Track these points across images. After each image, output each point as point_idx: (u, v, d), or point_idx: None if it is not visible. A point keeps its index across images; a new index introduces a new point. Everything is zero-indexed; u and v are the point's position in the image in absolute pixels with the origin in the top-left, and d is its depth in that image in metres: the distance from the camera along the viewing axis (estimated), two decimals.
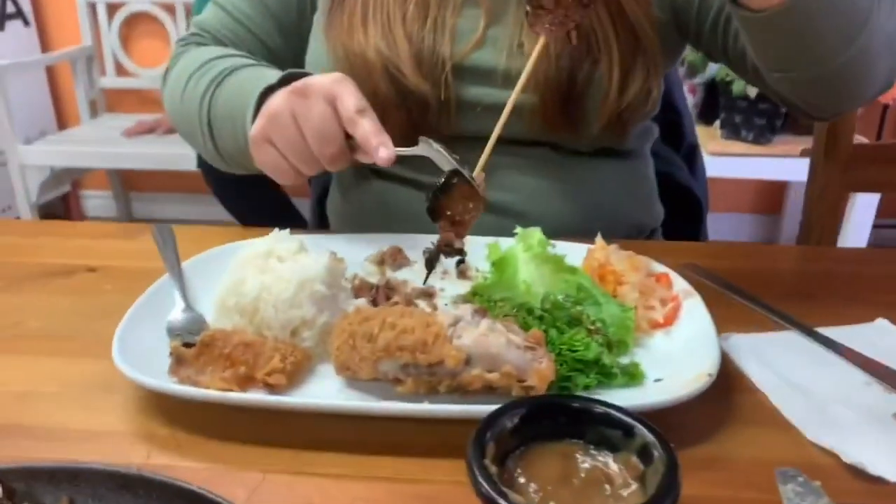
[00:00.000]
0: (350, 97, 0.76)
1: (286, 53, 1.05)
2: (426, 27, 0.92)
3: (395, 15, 0.92)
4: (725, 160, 2.62)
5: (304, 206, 2.22)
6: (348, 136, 0.78)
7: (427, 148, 0.77)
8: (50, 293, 0.83)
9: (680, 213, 1.26)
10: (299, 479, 0.54)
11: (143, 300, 0.71)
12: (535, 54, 0.72)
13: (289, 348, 0.62)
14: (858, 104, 0.94)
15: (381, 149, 0.75)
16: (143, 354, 0.63)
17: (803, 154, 2.65)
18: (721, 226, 3.15)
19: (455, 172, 0.72)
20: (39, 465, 0.48)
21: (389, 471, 0.55)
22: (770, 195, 3.42)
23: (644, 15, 0.93)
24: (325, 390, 0.62)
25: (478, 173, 0.75)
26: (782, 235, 3.40)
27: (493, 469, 0.46)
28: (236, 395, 0.58)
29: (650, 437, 0.48)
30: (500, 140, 0.97)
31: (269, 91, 0.83)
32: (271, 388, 0.60)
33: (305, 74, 0.88)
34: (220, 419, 0.59)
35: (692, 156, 1.39)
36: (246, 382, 0.61)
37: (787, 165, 2.68)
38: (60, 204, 3.58)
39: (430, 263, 0.76)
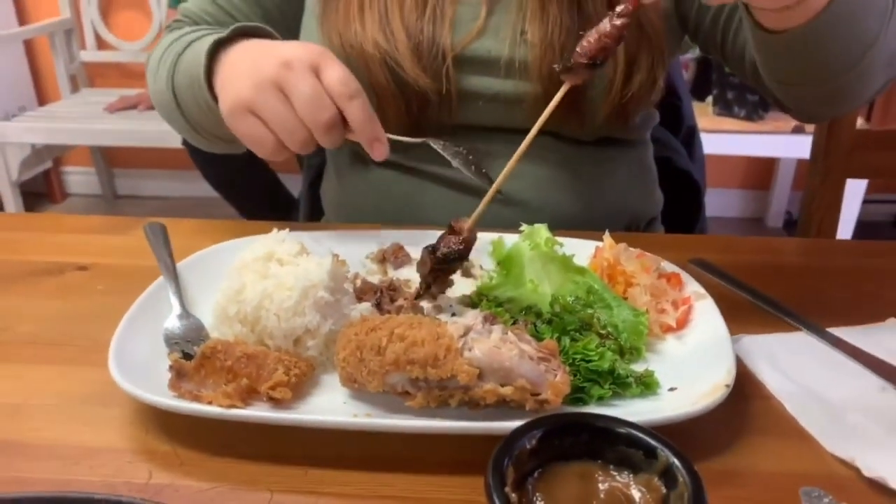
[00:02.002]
0: (336, 69, 0.74)
1: None
2: (425, 17, 0.89)
3: (393, 5, 0.89)
4: (717, 137, 2.60)
5: (292, 181, 2.18)
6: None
7: (433, 141, 0.77)
8: (39, 294, 0.80)
9: (678, 198, 1.24)
10: (308, 498, 0.52)
11: (138, 305, 0.68)
12: (558, 96, 0.73)
13: (292, 360, 0.60)
14: (849, 112, 0.94)
15: (376, 144, 0.75)
16: (141, 366, 0.61)
17: (795, 131, 2.64)
18: (711, 202, 3.15)
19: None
20: (37, 495, 0.46)
21: (402, 489, 0.53)
22: (759, 171, 3.42)
23: (650, 5, 0.91)
24: (331, 402, 0.60)
25: (471, 224, 0.73)
26: (770, 210, 3.40)
27: (514, 497, 0.44)
28: (239, 412, 0.56)
29: (674, 459, 0.46)
30: (503, 129, 0.95)
31: (220, 45, 0.80)
32: (276, 402, 0.58)
33: (261, 29, 0.85)
34: (224, 434, 0.57)
35: (691, 139, 1.37)
36: (249, 395, 0.58)
37: (779, 142, 2.68)
38: (42, 181, 3.51)
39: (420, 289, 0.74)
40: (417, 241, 0.83)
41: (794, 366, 0.67)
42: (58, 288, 0.81)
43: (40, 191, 3.52)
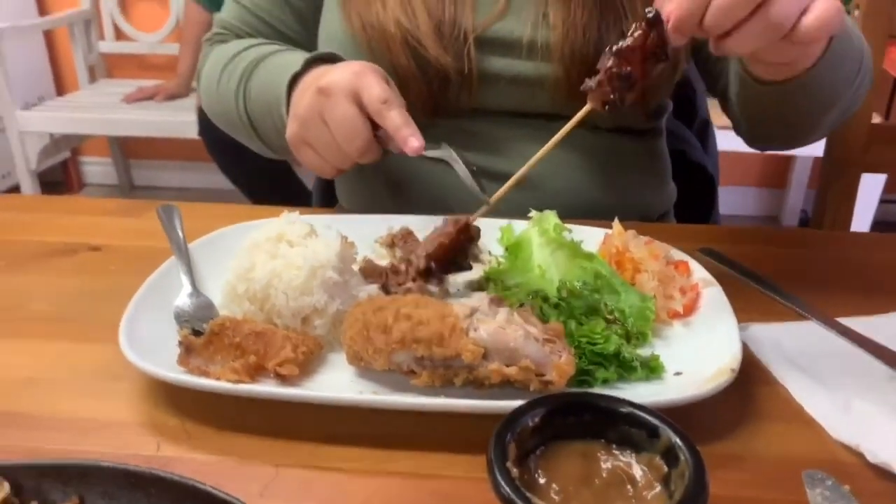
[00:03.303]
0: (373, 89, 0.77)
1: (307, 39, 1.05)
2: None
3: None
4: (733, 133, 2.58)
5: (306, 170, 2.19)
6: (376, 127, 0.78)
7: (448, 154, 0.79)
8: (53, 273, 0.81)
9: (692, 191, 1.24)
10: (313, 473, 0.53)
11: (149, 284, 0.69)
12: (579, 115, 0.73)
13: (300, 337, 0.61)
14: (798, 147, 1.00)
15: (412, 139, 0.76)
16: (151, 341, 0.61)
17: None
18: (726, 199, 3.13)
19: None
20: (48, 462, 0.46)
21: (406, 466, 0.54)
22: (775, 169, 3.39)
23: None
24: (338, 380, 0.61)
25: (494, 200, 0.75)
26: (787, 209, 3.38)
27: (515, 472, 0.45)
28: (247, 387, 0.57)
29: (676, 438, 0.46)
30: (520, 113, 0.95)
31: (296, 80, 0.85)
32: (283, 379, 0.59)
33: (328, 55, 0.89)
34: (232, 410, 0.58)
35: (704, 132, 1.36)
36: (257, 372, 0.59)
37: None
38: (60, 171, 3.55)
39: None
40: (427, 227, 0.84)
41: (802, 354, 0.66)
42: (71, 267, 0.82)
43: (58, 180, 3.56)
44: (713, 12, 0.58)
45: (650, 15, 0.63)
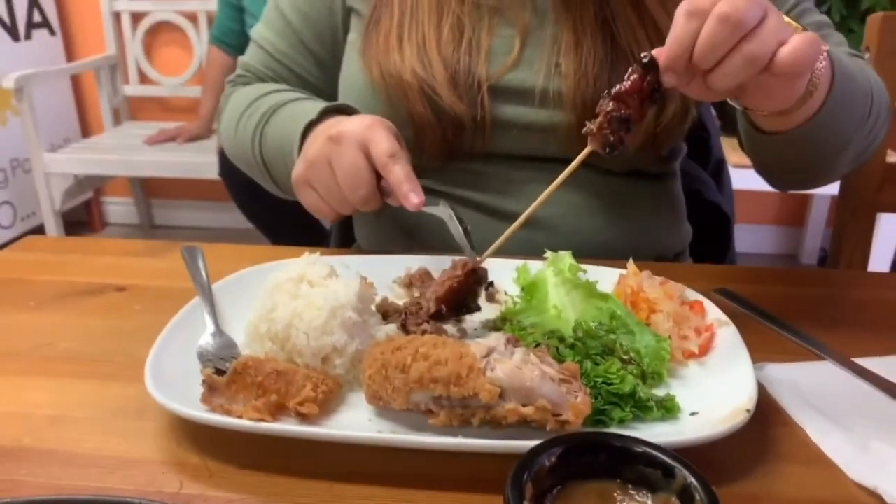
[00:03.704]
0: (382, 142, 0.80)
1: (325, 84, 1.09)
2: (461, 48, 0.93)
3: (431, 37, 0.92)
4: (749, 172, 2.57)
5: None
6: (380, 178, 0.81)
7: (445, 212, 0.81)
8: (80, 313, 0.83)
9: (708, 230, 1.25)
10: None
11: (173, 323, 0.71)
12: (580, 157, 0.74)
13: (320, 377, 0.62)
14: (818, 187, 1.02)
15: (412, 195, 0.80)
16: (175, 380, 0.63)
17: None
18: (744, 238, 3.13)
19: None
20: (74, 498, 0.48)
21: None
22: (793, 207, 3.39)
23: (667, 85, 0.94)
24: (357, 419, 0.62)
25: (490, 253, 0.77)
26: (805, 247, 3.36)
27: None
28: (269, 426, 0.58)
29: (691, 478, 0.47)
30: (535, 157, 0.97)
31: (310, 127, 0.89)
32: (303, 418, 0.60)
33: (343, 106, 0.92)
34: (253, 448, 0.59)
35: (719, 171, 1.37)
36: (278, 411, 0.60)
37: None
38: (83, 210, 3.61)
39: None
40: (443, 267, 0.85)
41: (818, 394, 0.67)
42: (98, 307, 0.84)
43: (81, 219, 3.63)
44: (699, 48, 0.63)
45: (645, 59, 0.67)
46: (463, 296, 0.75)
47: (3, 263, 0.96)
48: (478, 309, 0.76)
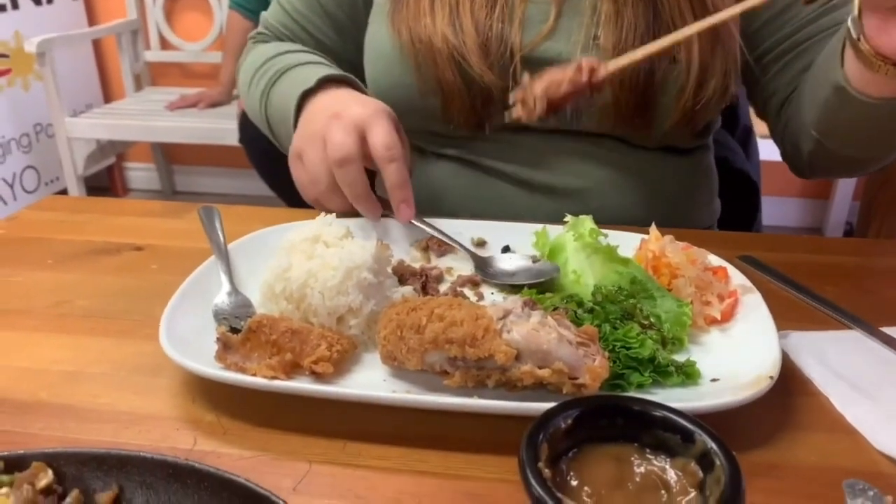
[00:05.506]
0: (381, 132, 0.79)
1: (343, 49, 1.07)
2: (494, 14, 0.89)
3: (464, 0, 0.89)
4: None
5: None
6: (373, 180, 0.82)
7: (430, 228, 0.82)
8: (97, 271, 0.83)
9: (736, 199, 1.22)
10: (345, 470, 0.53)
11: (189, 282, 0.71)
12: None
13: (335, 336, 0.61)
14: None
15: (403, 206, 0.80)
16: (189, 338, 0.63)
17: None
18: (768, 210, 3.08)
19: None
20: (89, 451, 0.47)
21: (437, 465, 0.54)
22: (819, 180, 3.32)
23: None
24: (371, 379, 0.61)
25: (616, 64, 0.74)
26: (830, 221, 3.31)
27: (547, 472, 0.44)
28: (282, 383, 0.57)
29: (711, 443, 0.46)
30: (566, 131, 0.94)
31: (307, 96, 0.89)
32: (317, 377, 0.59)
33: (344, 77, 0.91)
34: (267, 406, 0.59)
35: (747, 139, 1.35)
36: (292, 370, 0.60)
37: None
38: (106, 176, 3.64)
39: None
40: (462, 232, 0.84)
41: (844, 363, 0.65)
42: (115, 266, 0.84)
43: (104, 185, 3.65)
44: None
45: None
46: (567, 103, 0.72)
47: (23, 222, 0.97)
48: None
